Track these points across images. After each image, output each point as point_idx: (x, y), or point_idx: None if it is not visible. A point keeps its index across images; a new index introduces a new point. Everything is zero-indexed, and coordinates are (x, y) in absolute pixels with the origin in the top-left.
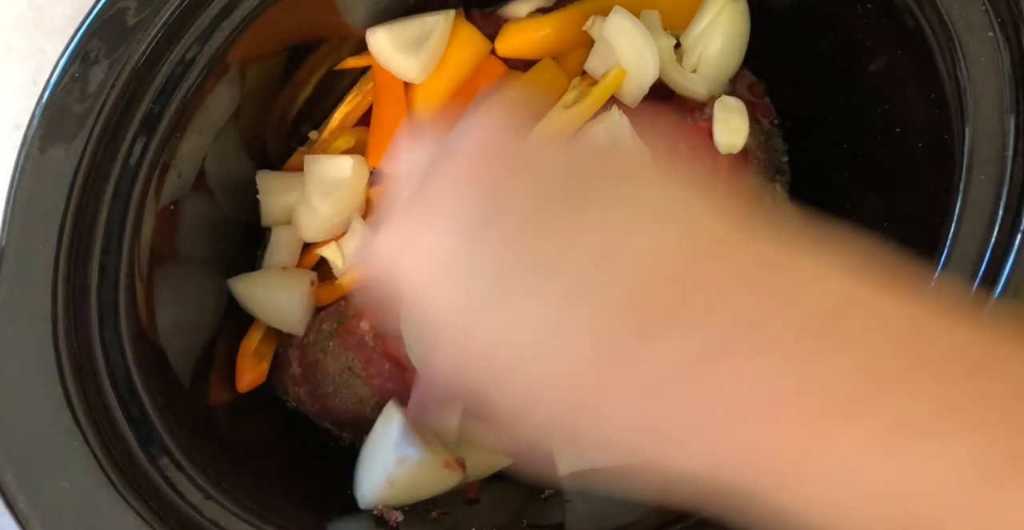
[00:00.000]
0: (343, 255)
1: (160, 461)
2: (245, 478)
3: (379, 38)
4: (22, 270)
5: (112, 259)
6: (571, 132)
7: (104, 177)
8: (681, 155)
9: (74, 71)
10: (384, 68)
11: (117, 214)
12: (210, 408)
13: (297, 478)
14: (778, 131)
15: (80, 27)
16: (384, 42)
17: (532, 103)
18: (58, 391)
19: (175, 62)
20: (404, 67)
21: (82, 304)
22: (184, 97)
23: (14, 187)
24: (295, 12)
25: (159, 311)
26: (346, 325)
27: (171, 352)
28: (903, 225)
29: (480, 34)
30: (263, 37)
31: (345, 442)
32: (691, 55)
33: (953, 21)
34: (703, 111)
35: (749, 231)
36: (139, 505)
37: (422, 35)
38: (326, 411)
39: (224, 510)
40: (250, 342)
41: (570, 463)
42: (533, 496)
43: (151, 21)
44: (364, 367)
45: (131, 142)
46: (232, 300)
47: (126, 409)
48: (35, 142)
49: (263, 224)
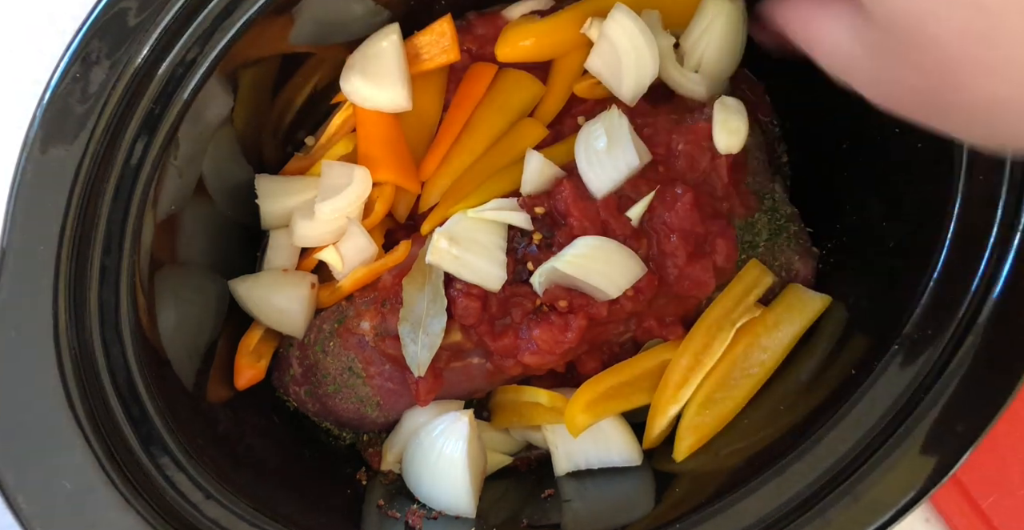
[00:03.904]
0: (342, 258)
1: (161, 460)
2: (245, 477)
3: (355, 85)
4: (23, 271)
5: (113, 260)
6: None
7: (105, 178)
8: (681, 155)
9: (75, 72)
10: (373, 109)
11: (118, 215)
12: (211, 408)
13: (297, 478)
14: (778, 131)
15: (81, 28)
16: (359, 85)
17: None
18: (58, 391)
19: (175, 63)
20: (386, 101)
21: (83, 304)
22: (185, 98)
23: (15, 188)
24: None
25: (160, 312)
26: (346, 325)
27: (172, 353)
28: (903, 225)
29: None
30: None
31: (345, 442)
32: (691, 56)
33: None
34: (703, 111)
35: None
36: (139, 504)
37: (381, 63)
38: (326, 411)
39: (224, 509)
40: (249, 340)
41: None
42: (533, 496)
43: (152, 22)
44: (364, 367)
45: (132, 143)
46: (233, 301)
47: (126, 409)
48: (36, 143)
49: (262, 227)
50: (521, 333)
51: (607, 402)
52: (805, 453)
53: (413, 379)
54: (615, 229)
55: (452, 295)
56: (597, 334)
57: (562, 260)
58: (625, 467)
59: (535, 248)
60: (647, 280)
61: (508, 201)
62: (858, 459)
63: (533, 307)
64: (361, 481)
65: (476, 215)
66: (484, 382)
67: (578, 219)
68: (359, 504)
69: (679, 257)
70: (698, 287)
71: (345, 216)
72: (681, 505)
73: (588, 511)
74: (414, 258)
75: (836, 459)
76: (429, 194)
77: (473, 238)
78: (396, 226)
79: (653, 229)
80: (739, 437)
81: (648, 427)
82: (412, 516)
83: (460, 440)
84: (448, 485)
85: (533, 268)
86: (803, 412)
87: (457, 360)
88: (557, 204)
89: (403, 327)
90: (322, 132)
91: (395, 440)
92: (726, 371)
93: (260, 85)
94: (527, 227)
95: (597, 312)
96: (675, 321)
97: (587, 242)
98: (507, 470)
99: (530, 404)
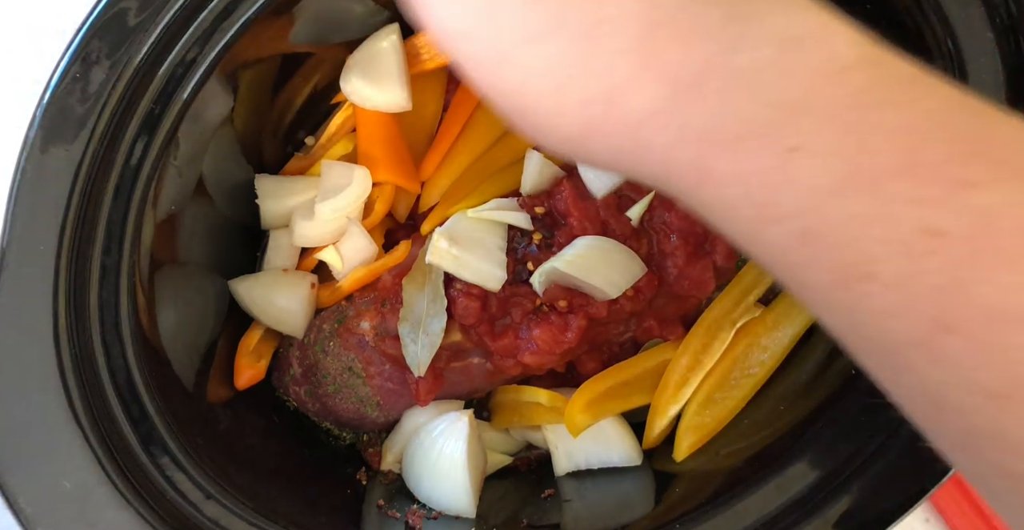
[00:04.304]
0: (342, 258)
1: (161, 460)
2: (245, 477)
3: (355, 85)
4: (23, 270)
5: (113, 259)
6: None
7: (105, 177)
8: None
9: (75, 72)
10: (372, 110)
11: (118, 214)
12: (211, 408)
13: (297, 477)
14: None
15: (81, 27)
16: (359, 85)
17: None
18: (58, 391)
19: (175, 63)
20: (386, 102)
21: (83, 304)
22: (185, 98)
23: (15, 187)
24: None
25: (160, 312)
26: (346, 325)
27: (172, 352)
28: None
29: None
30: (262, 40)
31: (345, 442)
32: None
33: (952, 21)
34: None
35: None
36: (139, 504)
37: (380, 63)
38: (326, 411)
39: (224, 509)
40: (249, 340)
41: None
42: (533, 496)
43: (152, 22)
44: (364, 367)
45: (132, 143)
46: (233, 301)
47: (126, 409)
48: (36, 143)
49: (262, 227)
50: (521, 333)
51: (607, 402)
52: (805, 453)
53: (413, 379)
54: (615, 229)
55: (452, 295)
56: (597, 334)
57: (562, 260)
58: (625, 467)
59: (535, 248)
60: (647, 280)
61: (508, 201)
62: (858, 459)
63: (533, 307)
64: (361, 481)
65: (476, 215)
66: (484, 382)
67: (578, 219)
68: (359, 504)
69: (679, 257)
70: (698, 287)
71: (345, 216)
72: (681, 505)
73: (588, 511)
74: (414, 258)
75: (836, 459)
76: (429, 194)
77: (473, 238)
78: (396, 226)
79: (653, 229)
80: (739, 437)
81: (648, 427)
82: (412, 516)
83: (460, 440)
84: (448, 485)
85: (533, 268)
86: (803, 412)
87: (457, 360)
88: (557, 204)
89: (403, 327)
90: (322, 132)
91: (395, 440)
92: (726, 371)
93: (260, 85)
94: (527, 227)
95: (597, 312)
96: (675, 321)
97: (587, 242)
98: (507, 470)
99: (530, 404)
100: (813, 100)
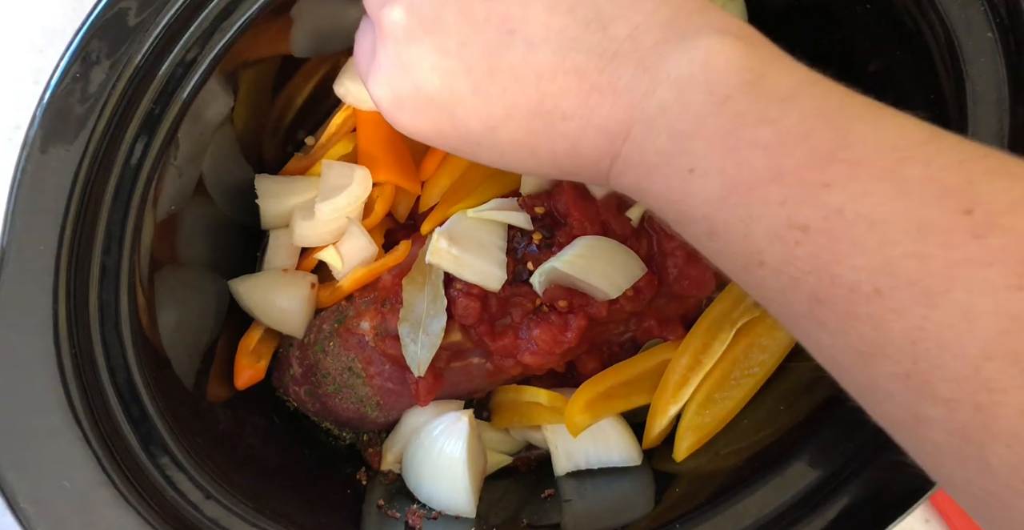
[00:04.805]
0: (342, 258)
1: (160, 460)
2: (245, 477)
3: (347, 88)
4: (23, 270)
5: (113, 259)
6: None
7: (105, 177)
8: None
9: (75, 71)
10: (371, 110)
11: (118, 214)
12: (211, 408)
13: (297, 477)
14: None
15: (81, 27)
16: (352, 88)
17: None
18: (58, 391)
19: (175, 63)
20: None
21: (83, 304)
22: (185, 98)
23: (15, 187)
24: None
25: (160, 312)
26: (346, 325)
27: (172, 352)
28: None
29: None
30: (262, 40)
31: (345, 442)
32: None
33: (952, 21)
34: None
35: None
36: (139, 504)
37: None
38: (326, 411)
39: (224, 509)
40: (249, 340)
41: (569, 463)
42: (533, 496)
43: (152, 22)
44: (364, 367)
45: (132, 143)
46: (233, 301)
47: (126, 409)
48: (36, 142)
49: (262, 227)
50: (521, 333)
51: (607, 402)
52: (805, 453)
53: (413, 379)
54: (615, 229)
55: (452, 295)
56: (597, 334)
57: (562, 260)
58: (625, 467)
59: (535, 248)
60: (647, 280)
61: (508, 201)
62: (858, 459)
63: (533, 307)
64: (361, 481)
65: (476, 215)
66: (484, 382)
67: (578, 219)
68: (359, 504)
69: (679, 257)
70: (698, 287)
71: (345, 216)
72: (681, 505)
73: (588, 511)
74: (414, 258)
75: (836, 459)
76: (429, 194)
77: (473, 238)
78: (396, 226)
79: (653, 229)
80: (739, 437)
81: (648, 427)
82: (412, 516)
83: (460, 440)
84: (448, 485)
85: (533, 268)
86: (803, 412)
87: (457, 360)
88: (557, 204)
89: (403, 327)
90: (322, 132)
91: (395, 440)
92: (726, 371)
93: (260, 85)
94: (527, 227)
95: (597, 312)
96: (675, 321)
97: (587, 242)
98: (507, 470)
99: (530, 404)
100: (703, 130)
